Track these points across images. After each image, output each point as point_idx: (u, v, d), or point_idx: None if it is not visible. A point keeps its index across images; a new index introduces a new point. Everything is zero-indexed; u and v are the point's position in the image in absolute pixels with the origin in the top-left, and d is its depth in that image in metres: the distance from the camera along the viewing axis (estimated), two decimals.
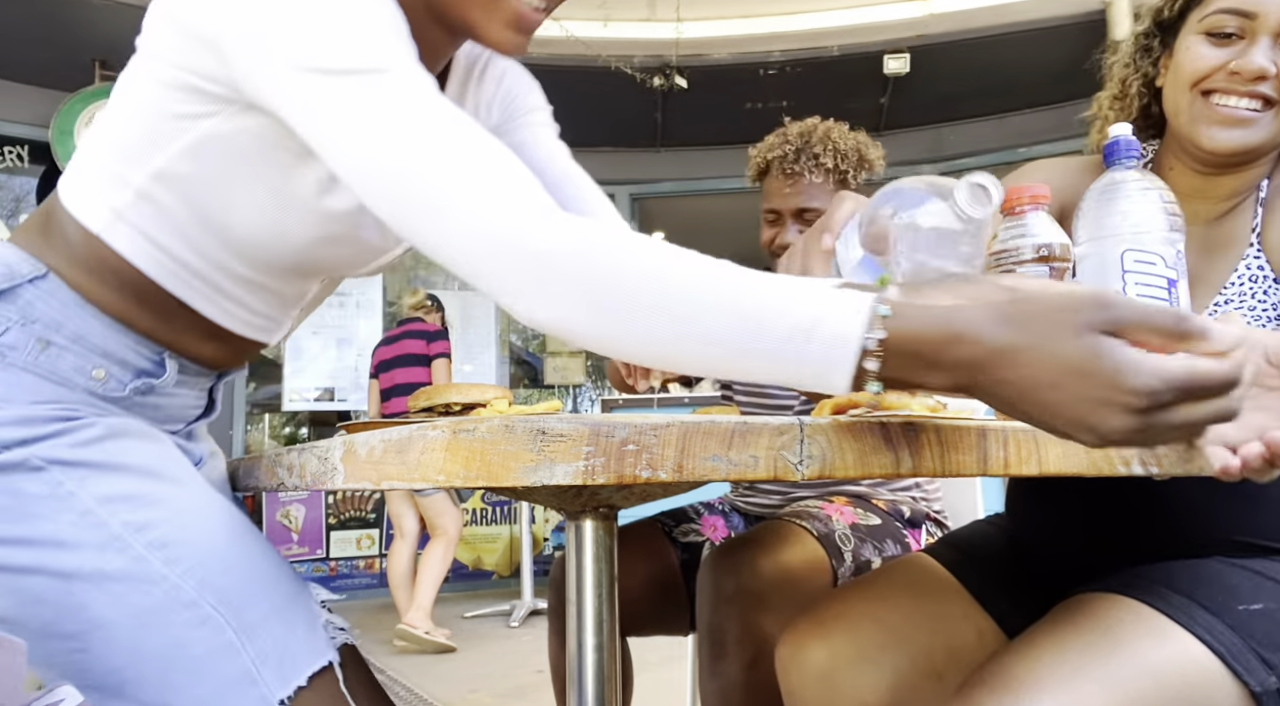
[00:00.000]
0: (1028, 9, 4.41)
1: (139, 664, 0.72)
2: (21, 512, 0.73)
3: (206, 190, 0.78)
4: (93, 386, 0.80)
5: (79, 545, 0.72)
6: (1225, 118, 0.96)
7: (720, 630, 1.28)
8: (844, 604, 1.07)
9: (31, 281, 0.79)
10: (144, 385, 0.83)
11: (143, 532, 0.74)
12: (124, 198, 0.79)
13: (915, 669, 1.00)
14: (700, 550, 1.53)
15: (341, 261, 0.89)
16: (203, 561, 0.75)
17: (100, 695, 0.73)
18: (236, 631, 0.73)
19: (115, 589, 0.72)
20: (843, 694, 1.01)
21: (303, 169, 0.77)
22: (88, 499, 0.74)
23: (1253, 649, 0.76)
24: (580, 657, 0.72)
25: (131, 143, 0.78)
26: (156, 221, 0.79)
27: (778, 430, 0.52)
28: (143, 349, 0.83)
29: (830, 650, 1.02)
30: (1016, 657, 0.78)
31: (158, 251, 0.80)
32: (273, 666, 0.74)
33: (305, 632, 0.77)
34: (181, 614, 0.72)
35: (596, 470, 0.47)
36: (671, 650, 1.76)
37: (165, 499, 0.77)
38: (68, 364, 0.79)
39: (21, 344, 0.77)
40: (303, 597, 0.80)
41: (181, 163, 0.77)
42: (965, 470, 0.59)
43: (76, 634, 0.72)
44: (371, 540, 5.18)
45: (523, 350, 6.00)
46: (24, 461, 0.73)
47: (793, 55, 4.79)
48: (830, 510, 1.43)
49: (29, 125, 4.59)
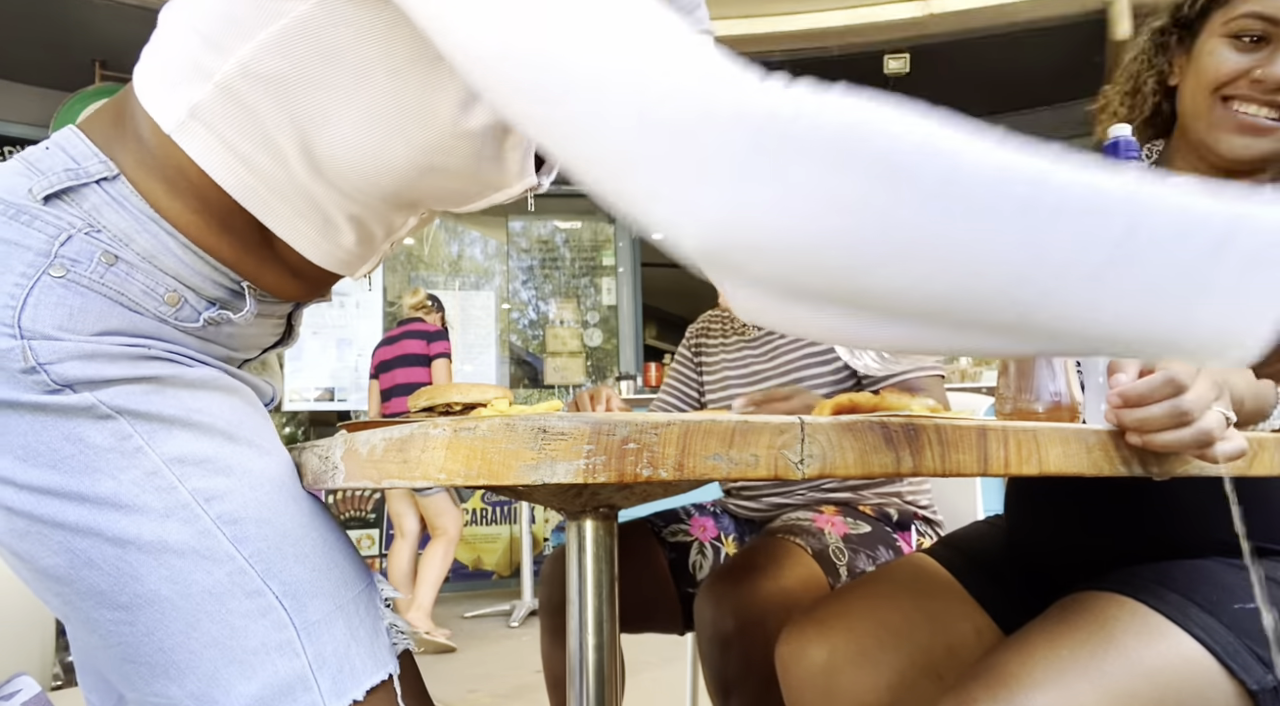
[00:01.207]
0: (1028, 9, 4.41)
1: (188, 649, 0.64)
2: (83, 464, 0.64)
3: (299, 96, 0.66)
4: (164, 313, 0.70)
5: (141, 509, 0.64)
6: (1245, 125, 0.95)
7: (724, 668, 1.29)
8: (844, 603, 1.07)
9: (100, 182, 0.68)
10: (219, 315, 0.74)
11: (213, 503, 0.65)
12: (203, 93, 0.67)
13: (915, 668, 1.01)
14: (688, 550, 1.54)
15: (447, 195, 0.77)
16: (275, 544, 0.66)
17: (145, 671, 0.66)
18: (298, 628, 0.66)
19: (175, 563, 0.64)
20: (842, 692, 1.02)
21: (419, 79, 0.65)
22: (156, 457, 0.65)
23: (1249, 647, 0.76)
24: (580, 657, 0.72)
25: (214, 26, 0.66)
26: (238, 126, 0.68)
27: (778, 429, 0.52)
28: (221, 277, 0.73)
29: (830, 649, 1.03)
30: (1011, 654, 0.78)
31: (236, 162, 0.69)
32: (330, 674, 0.66)
33: (369, 638, 0.70)
34: (243, 602, 0.64)
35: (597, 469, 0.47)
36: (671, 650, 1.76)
37: (243, 467, 0.68)
38: (137, 286, 0.68)
39: (85, 256, 0.66)
40: (369, 596, 0.72)
41: (270, 58, 0.65)
42: (965, 470, 0.59)
43: (126, 606, 0.64)
44: (372, 540, 5.18)
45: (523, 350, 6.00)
46: (91, 407, 0.64)
47: (793, 55, 4.79)
48: (821, 522, 1.44)
49: (29, 125, 4.59)
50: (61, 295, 0.65)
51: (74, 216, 0.67)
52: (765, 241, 0.43)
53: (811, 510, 1.50)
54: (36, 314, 0.65)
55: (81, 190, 0.68)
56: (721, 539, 1.59)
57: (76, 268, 0.66)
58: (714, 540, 1.58)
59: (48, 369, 0.64)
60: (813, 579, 1.32)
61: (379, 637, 0.71)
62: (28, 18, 4.06)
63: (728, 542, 1.59)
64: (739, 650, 1.26)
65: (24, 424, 0.64)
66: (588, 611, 0.72)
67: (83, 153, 0.69)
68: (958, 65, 4.79)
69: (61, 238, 0.66)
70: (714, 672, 1.31)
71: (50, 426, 0.64)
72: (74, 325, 0.65)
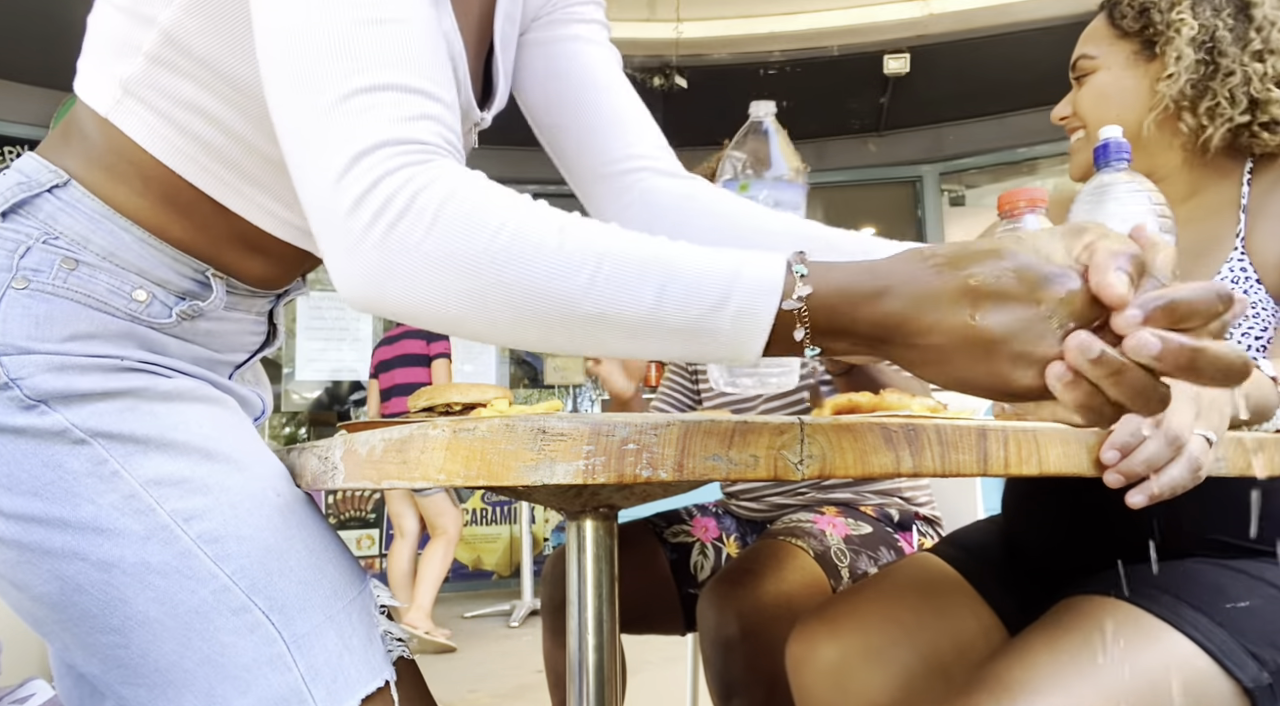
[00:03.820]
0: (1028, 9, 4.41)
1: (183, 668, 0.65)
2: (63, 490, 0.65)
3: (228, 52, 0.66)
4: (135, 310, 0.70)
5: (121, 532, 0.65)
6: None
7: (728, 672, 1.29)
8: (854, 603, 1.08)
9: (52, 190, 0.69)
10: (191, 308, 0.74)
11: (193, 523, 0.66)
12: (133, 67, 0.68)
13: (924, 666, 1.02)
14: (690, 551, 1.54)
15: None
16: (258, 560, 0.67)
17: (145, 694, 0.67)
18: (288, 642, 0.66)
19: (159, 584, 0.65)
20: (853, 691, 1.03)
21: None
22: (133, 480, 0.66)
23: (1243, 645, 0.77)
24: (580, 657, 0.72)
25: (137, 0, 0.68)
26: (172, 95, 0.68)
27: (778, 429, 0.52)
28: (182, 266, 0.73)
29: (841, 648, 1.03)
30: (1012, 661, 0.79)
31: (174, 132, 0.70)
32: (324, 684, 0.66)
33: (362, 647, 0.69)
34: (229, 619, 0.65)
35: (597, 469, 0.47)
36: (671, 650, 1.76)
37: (220, 485, 0.68)
38: (102, 285, 0.69)
39: (46, 265, 0.67)
40: (362, 603, 0.72)
41: (191, 18, 0.66)
42: (965, 470, 0.59)
43: (119, 628, 0.65)
44: (371, 540, 5.18)
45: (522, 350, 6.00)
46: (65, 431, 0.65)
47: (793, 55, 4.79)
48: (823, 524, 1.44)
49: (29, 125, 4.59)
50: (27, 305, 0.66)
51: (30, 228, 0.68)
52: (416, 318, 0.52)
53: (812, 511, 1.50)
54: (5, 328, 0.65)
55: (35, 201, 0.69)
56: (723, 539, 1.59)
57: (38, 277, 0.67)
58: (715, 540, 1.58)
59: (20, 384, 0.65)
60: (815, 581, 1.33)
61: (373, 645, 0.70)
62: (28, 18, 4.06)
63: (729, 543, 1.59)
64: (742, 654, 1.26)
65: (4, 451, 0.65)
66: (587, 611, 0.72)
67: (33, 167, 0.70)
68: (958, 65, 4.78)
69: (20, 250, 0.67)
70: (717, 676, 1.31)
71: (30, 453, 0.65)
72: (42, 333, 0.66)
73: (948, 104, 5.24)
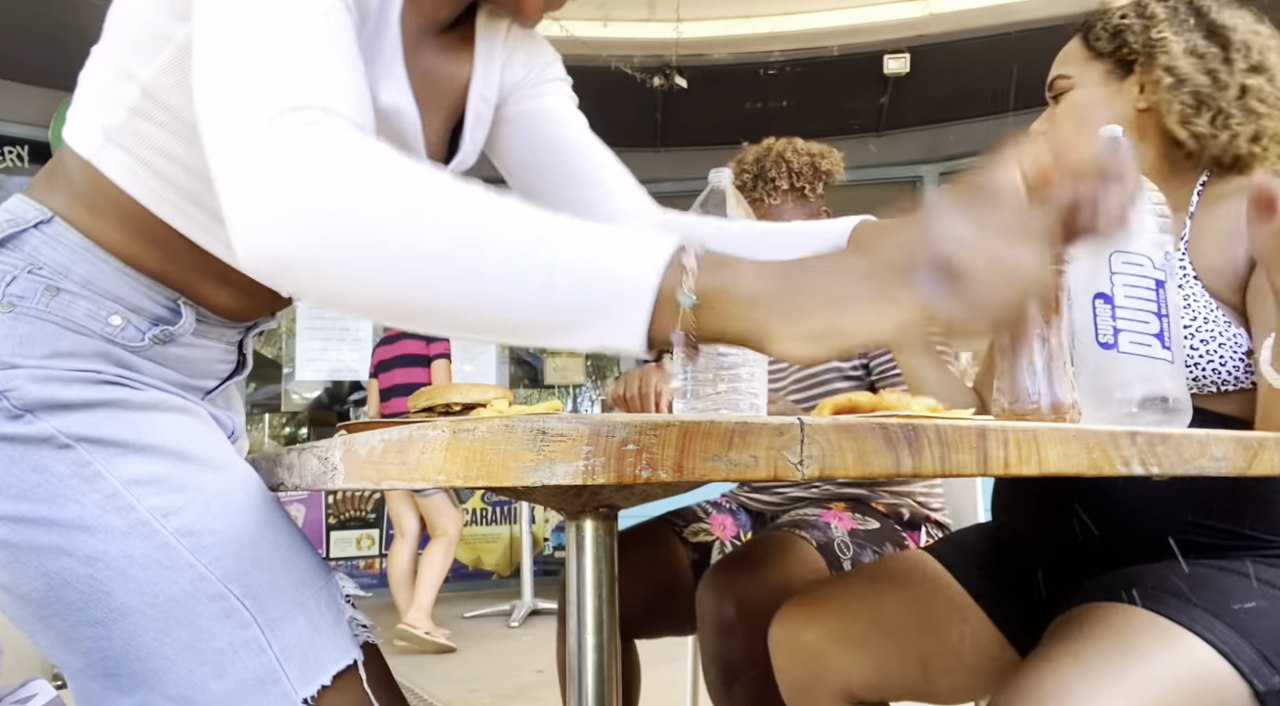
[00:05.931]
0: (1028, 9, 4.41)
1: (163, 655, 0.70)
2: (49, 492, 0.70)
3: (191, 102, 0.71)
4: (110, 333, 0.77)
5: (104, 528, 0.70)
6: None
7: (726, 658, 1.29)
8: (837, 590, 1.10)
9: (37, 226, 0.76)
10: (163, 333, 0.80)
11: (171, 518, 0.71)
12: (116, 117, 0.76)
13: (902, 654, 1.04)
14: (710, 550, 1.53)
15: None
16: (232, 551, 0.72)
17: (127, 684, 0.71)
18: (261, 626, 0.71)
19: (140, 576, 0.70)
20: (828, 673, 1.06)
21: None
22: (114, 480, 0.71)
23: (1255, 648, 0.77)
24: (580, 657, 0.72)
25: (122, 58, 0.76)
26: (148, 143, 0.76)
27: (778, 430, 0.52)
28: (156, 294, 0.80)
29: (820, 632, 1.06)
30: (1044, 674, 0.78)
31: (149, 175, 0.77)
32: (297, 664, 0.72)
33: (331, 629, 0.76)
34: (207, 606, 0.70)
35: (596, 470, 0.47)
36: (671, 650, 1.76)
37: (195, 483, 0.74)
38: (80, 311, 0.76)
39: (30, 292, 0.74)
40: (329, 592, 0.78)
41: (166, 77, 0.73)
42: (965, 470, 0.59)
43: (102, 621, 0.70)
44: (371, 540, 5.18)
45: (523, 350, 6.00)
46: (51, 437, 0.71)
47: (793, 55, 4.79)
48: (829, 517, 1.44)
49: (29, 125, 4.60)
50: (11, 327, 0.73)
51: (16, 259, 0.75)
52: (282, 280, 0.54)
53: (821, 506, 1.50)
54: None
55: (21, 236, 0.76)
56: (740, 537, 1.59)
57: (23, 302, 0.74)
58: (734, 539, 1.58)
59: (7, 395, 0.71)
60: (816, 571, 1.32)
61: (341, 628, 0.77)
62: (28, 18, 4.06)
63: (747, 539, 1.59)
64: (741, 638, 1.26)
65: None
66: (587, 611, 0.72)
67: (21, 207, 0.78)
68: (958, 65, 4.79)
69: (6, 279, 0.74)
70: (716, 662, 1.31)
71: (18, 458, 0.70)
72: (25, 351, 0.72)
73: (948, 104, 5.25)
